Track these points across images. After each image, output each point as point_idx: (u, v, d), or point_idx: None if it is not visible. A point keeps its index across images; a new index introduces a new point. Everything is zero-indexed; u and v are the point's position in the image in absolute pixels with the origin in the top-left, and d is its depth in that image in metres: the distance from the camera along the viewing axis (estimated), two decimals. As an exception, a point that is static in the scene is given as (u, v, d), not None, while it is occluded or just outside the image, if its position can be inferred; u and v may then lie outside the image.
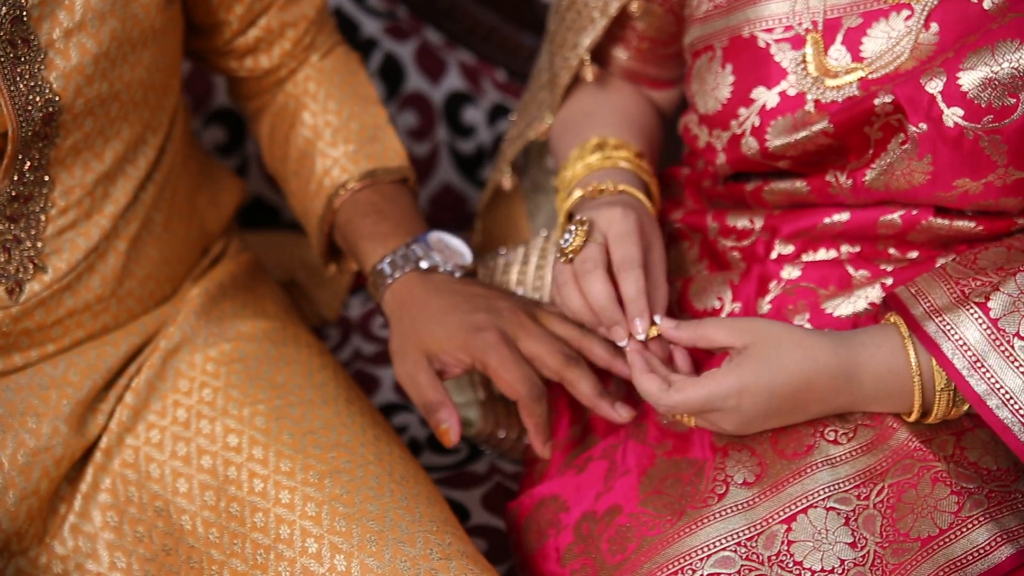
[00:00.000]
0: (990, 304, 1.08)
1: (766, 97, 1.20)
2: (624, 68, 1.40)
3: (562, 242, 1.21)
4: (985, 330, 1.08)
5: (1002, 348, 1.07)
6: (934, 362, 1.09)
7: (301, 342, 1.33)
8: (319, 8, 1.38)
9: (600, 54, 1.38)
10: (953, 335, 1.08)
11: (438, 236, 1.30)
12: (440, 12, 1.84)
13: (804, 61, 1.19)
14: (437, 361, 1.23)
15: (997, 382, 1.07)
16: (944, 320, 1.09)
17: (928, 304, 1.11)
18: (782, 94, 1.20)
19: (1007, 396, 1.06)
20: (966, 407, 1.12)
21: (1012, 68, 1.09)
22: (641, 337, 1.19)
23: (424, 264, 1.27)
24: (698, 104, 1.26)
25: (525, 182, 1.54)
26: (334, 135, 1.35)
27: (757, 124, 1.21)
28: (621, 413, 1.22)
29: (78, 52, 1.14)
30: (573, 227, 1.21)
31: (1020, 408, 1.06)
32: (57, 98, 1.14)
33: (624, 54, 1.39)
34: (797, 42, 1.19)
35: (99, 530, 1.23)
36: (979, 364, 1.07)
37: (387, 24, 1.84)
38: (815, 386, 1.11)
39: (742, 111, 1.21)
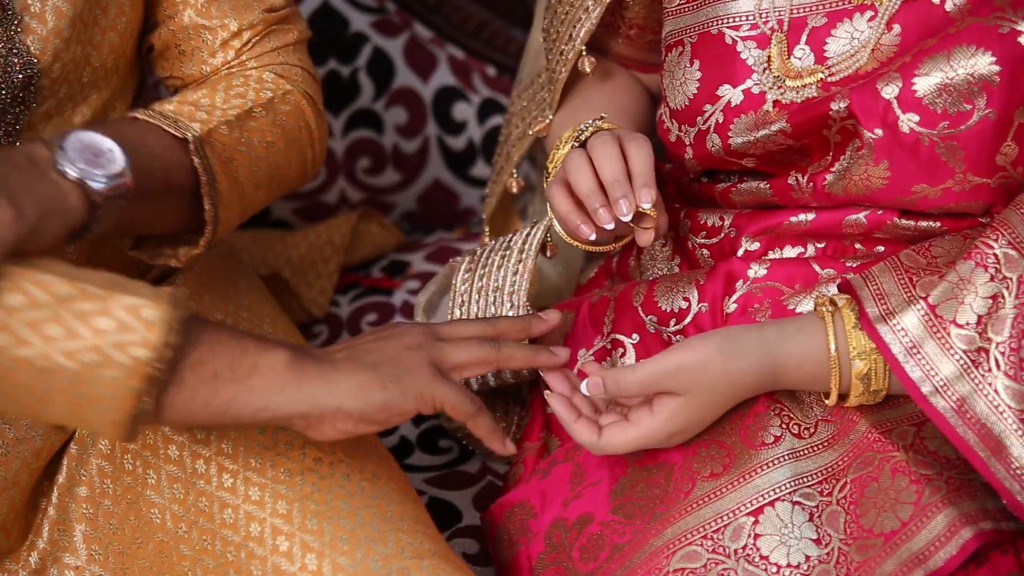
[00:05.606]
0: (930, 291, 1.07)
1: (731, 95, 1.20)
2: (616, 54, 1.41)
3: (577, 133, 1.24)
4: (923, 316, 1.06)
5: (939, 335, 1.05)
6: (852, 350, 1.08)
7: (275, 336, 1.32)
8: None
9: (593, 44, 1.38)
10: (892, 320, 1.07)
11: (77, 137, 1.01)
12: (429, 7, 1.85)
13: (768, 60, 1.18)
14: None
15: (932, 369, 1.05)
16: (887, 306, 1.08)
17: (875, 288, 1.10)
18: (746, 92, 1.19)
19: (942, 383, 1.05)
20: (884, 393, 1.11)
21: (967, 74, 1.08)
22: (647, 206, 1.17)
23: (72, 173, 1.00)
24: (668, 98, 1.26)
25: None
26: None
27: (721, 121, 1.20)
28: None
29: (54, 16, 1.14)
30: (588, 122, 1.24)
31: (954, 396, 1.04)
32: (35, 61, 1.14)
33: (615, 41, 1.39)
34: (763, 41, 1.19)
35: (75, 522, 1.23)
36: (915, 350, 1.06)
37: (376, 19, 1.84)
38: (739, 400, 1.14)
39: (707, 107, 1.21)
